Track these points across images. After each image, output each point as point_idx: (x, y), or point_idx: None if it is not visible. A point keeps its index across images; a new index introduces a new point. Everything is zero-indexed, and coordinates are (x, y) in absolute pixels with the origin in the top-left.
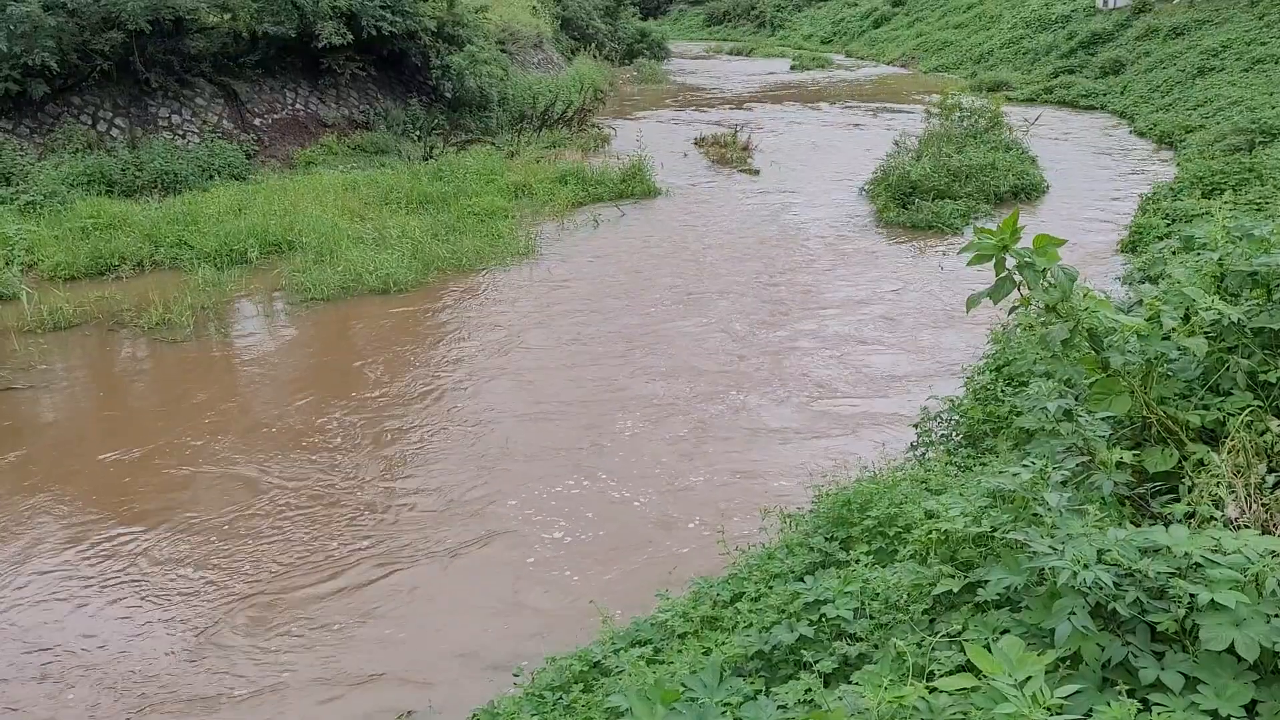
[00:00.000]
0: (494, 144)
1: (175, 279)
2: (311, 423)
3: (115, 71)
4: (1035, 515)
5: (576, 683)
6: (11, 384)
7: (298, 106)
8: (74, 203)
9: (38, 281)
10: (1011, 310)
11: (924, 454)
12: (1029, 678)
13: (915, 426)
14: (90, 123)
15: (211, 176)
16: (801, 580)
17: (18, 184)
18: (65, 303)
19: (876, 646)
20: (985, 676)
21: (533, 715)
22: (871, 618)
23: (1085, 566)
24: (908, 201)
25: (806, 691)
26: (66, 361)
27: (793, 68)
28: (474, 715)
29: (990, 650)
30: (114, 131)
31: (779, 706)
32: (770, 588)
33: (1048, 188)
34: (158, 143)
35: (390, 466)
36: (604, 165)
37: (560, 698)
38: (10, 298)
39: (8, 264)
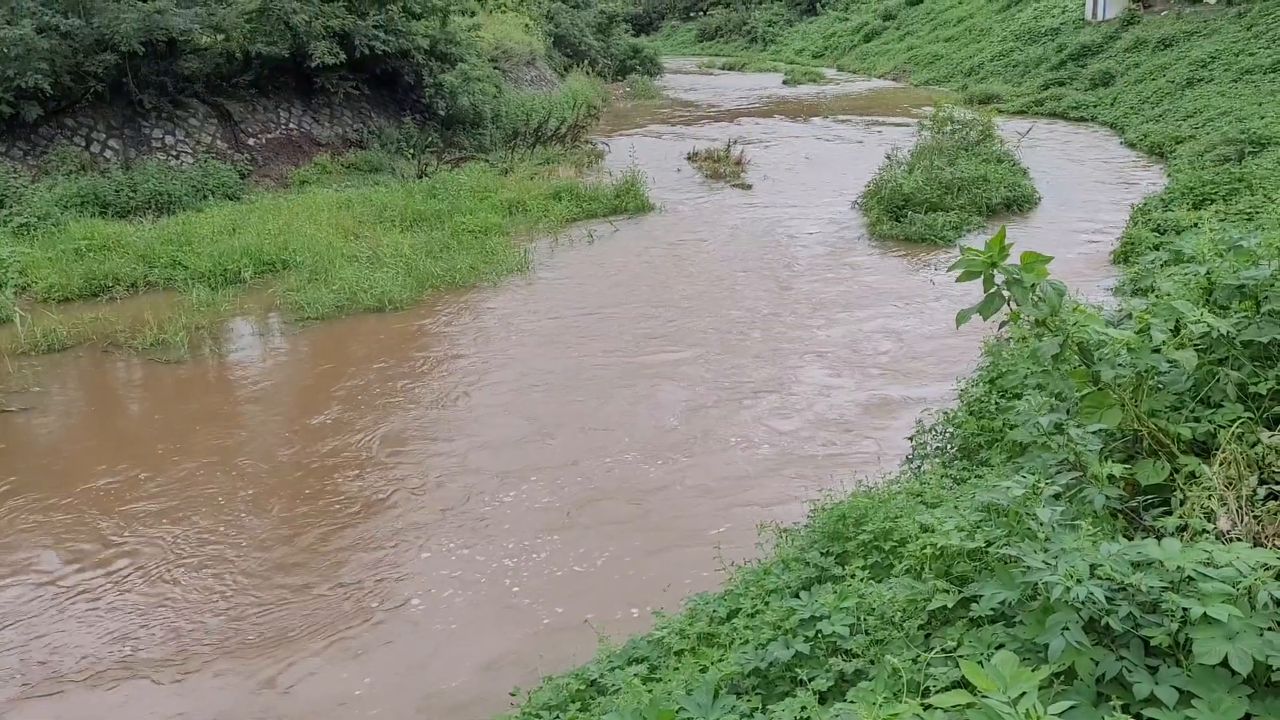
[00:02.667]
0: (488, 161)
1: (169, 299)
2: (306, 444)
3: (108, 93)
4: (1028, 530)
5: (573, 702)
6: (5, 407)
7: (291, 126)
8: (67, 224)
9: (31, 303)
10: (1001, 325)
11: (919, 467)
12: (1023, 694)
13: (911, 439)
14: (84, 144)
15: (205, 197)
16: (797, 596)
17: (11, 206)
18: (59, 325)
19: (873, 663)
20: (980, 693)
21: None
22: (867, 634)
23: (1078, 581)
24: (900, 214)
25: (802, 709)
26: (61, 384)
27: (785, 82)
28: None
29: (984, 666)
30: (107, 153)
31: None
32: (766, 604)
33: (1039, 199)
34: (151, 164)
35: (388, 487)
36: (597, 181)
37: (557, 717)
38: (4, 320)
39: (1, 286)
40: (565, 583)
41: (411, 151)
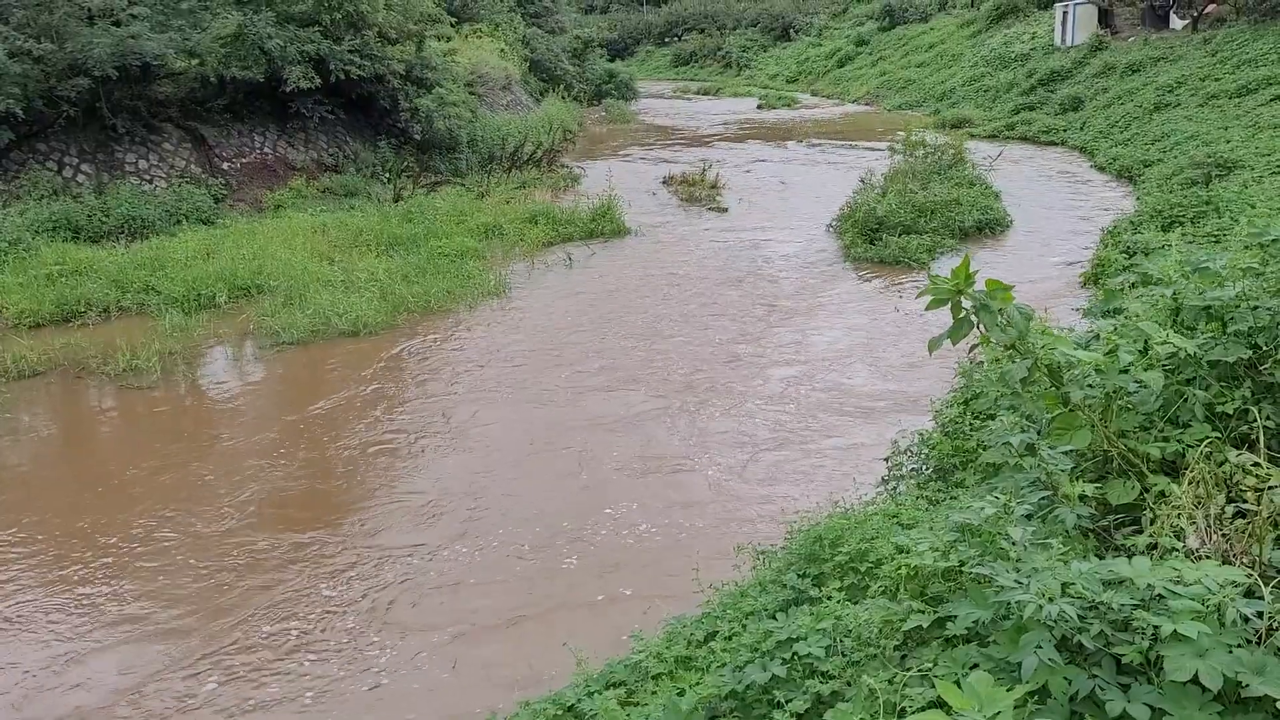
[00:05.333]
0: (464, 185)
1: (143, 324)
2: (278, 469)
3: (81, 117)
4: (1001, 549)
5: None
6: None
7: (266, 150)
8: (39, 249)
9: (2, 329)
10: (971, 349)
11: (895, 488)
12: (998, 713)
13: (886, 460)
14: (56, 169)
15: (179, 221)
16: (774, 618)
17: None
18: (30, 350)
19: (849, 684)
20: (956, 712)
21: None
22: (844, 655)
23: (1050, 600)
24: (875, 237)
25: None
26: (31, 411)
27: (759, 106)
28: None
29: (960, 686)
30: (80, 177)
31: None
32: (744, 626)
33: (1011, 222)
34: (125, 188)
35: (365, 514)
36: (574, 205)
37: None
38: None
39: None
40: (523, 623)
41: (387, 175)
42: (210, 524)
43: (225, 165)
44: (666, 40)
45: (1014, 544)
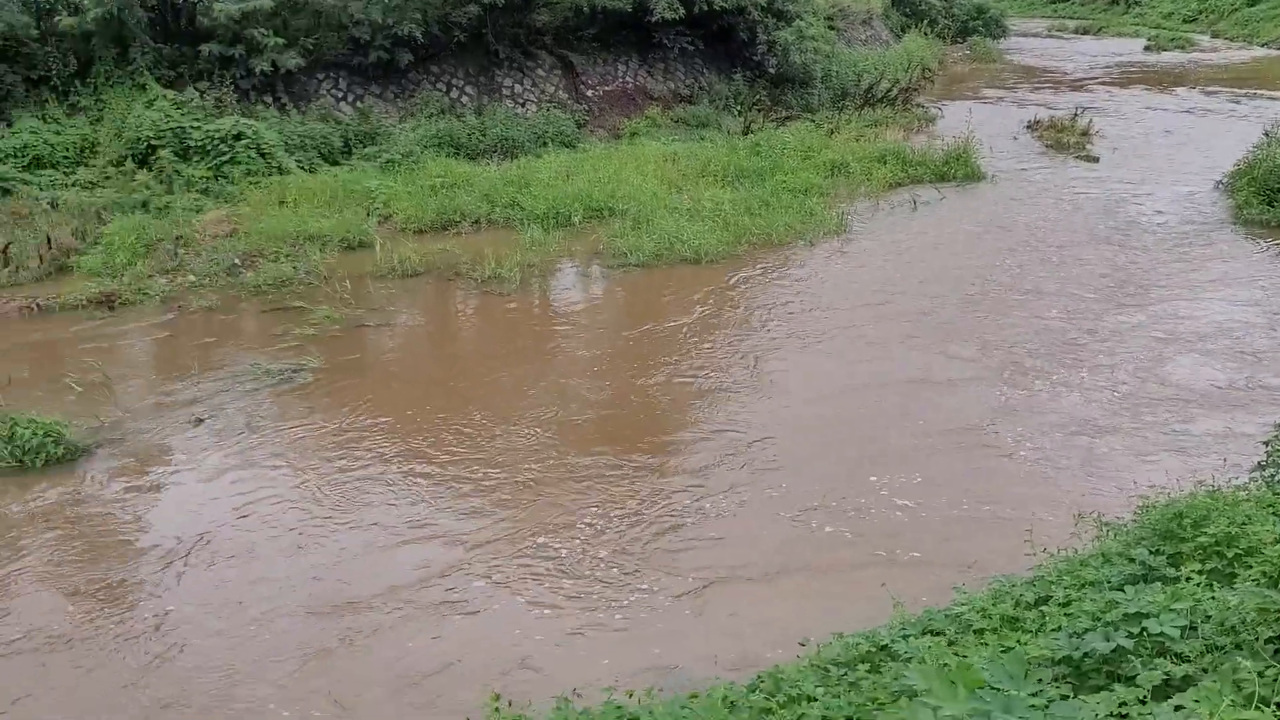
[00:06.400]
0: (813, 120)
1: (507, 237)
2: (602, 386)
3: (469, 43)
4: None
5: (862, 662)
6: (364, 321)
7: (627, 79)
8: (426, 162)
9: (391, 232)
10: None
11: (1274, 476)
12: None
13: (1265, 444)
14: (445, 90)
15: (545, 143)
16: (1120, 590)
17: (382, 144)
18: (412, 253)
19: (1205, 670)
20: None
21: (817, 686)
22: (1202, 639)
23: None
24: (1276, 198)
25: (1120, 705)
26: (410, 305)
27: (1147, 48)
28: (759, 676)
29: None
30: (464, 99)
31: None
32: (1081, 594)
33: None
34: (501, 110)
35: (691, 431)
36: (926, 146)
37: (845, 673)
38: (368, 245)
39: (368, 215)
40: (887, 531)
41: (739, 108)
42: (527, 430)
43: (589, 93)
44: None
45: None
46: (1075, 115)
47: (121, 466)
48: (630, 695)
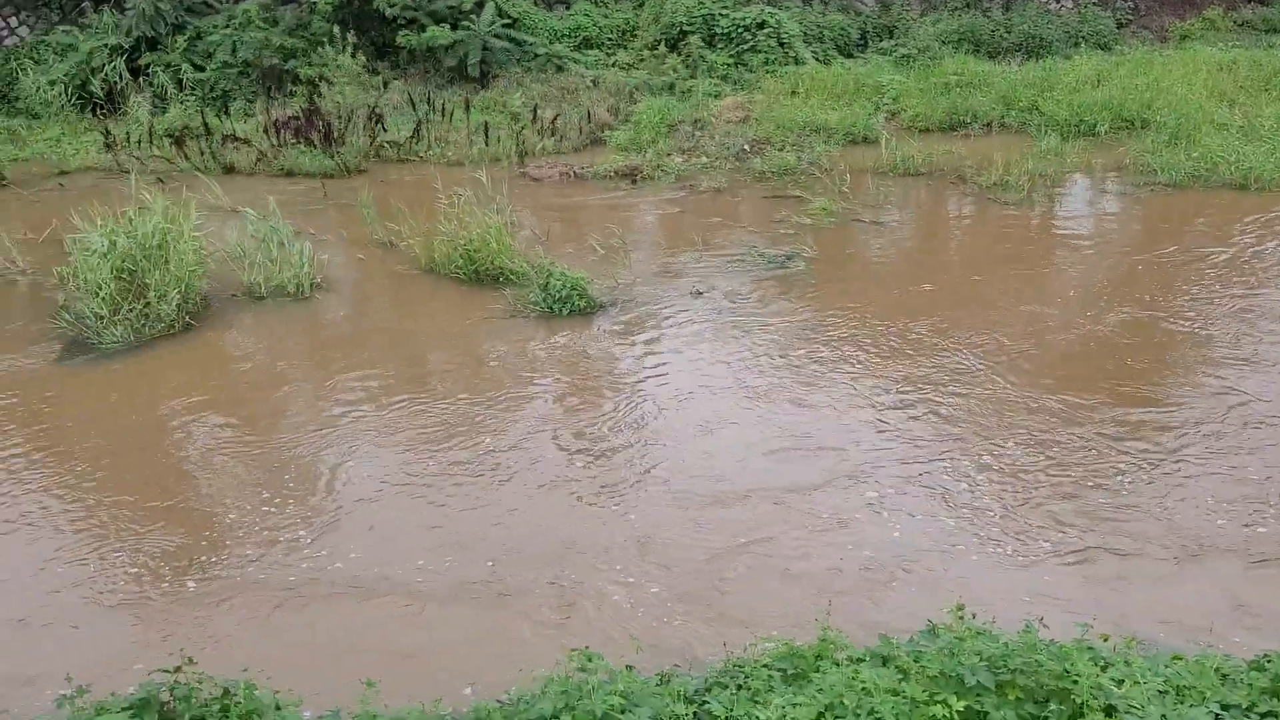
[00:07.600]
0: None
1: (1019, 143)
2: (1115, 311)
3: None
4: None
5: None
6: (858, 216)
7: None
8: (942, 59)
9: (897, 129)
10: None
11: None
12: None
13: None
14: None
15: (1077, 44)
16: None
17: (899, 38)
18: (916, 152)
19: None
20: None
21: None
22: None
23: None
24: None
25: None
26: (905, 205)
27: None
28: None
29: None
30: None
31: None
32: None
33: None
34: (1030, 7)
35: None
36: None
37: None
38: (873, 140)
39: (876, 110)
40: None
41: None
42: (990, 358)
43: None
44: None
45: None
46: None
47: (628, 323)
48: (1105, 639)
